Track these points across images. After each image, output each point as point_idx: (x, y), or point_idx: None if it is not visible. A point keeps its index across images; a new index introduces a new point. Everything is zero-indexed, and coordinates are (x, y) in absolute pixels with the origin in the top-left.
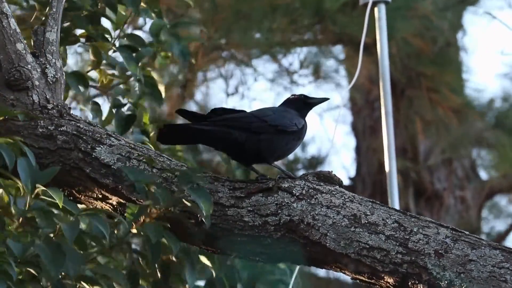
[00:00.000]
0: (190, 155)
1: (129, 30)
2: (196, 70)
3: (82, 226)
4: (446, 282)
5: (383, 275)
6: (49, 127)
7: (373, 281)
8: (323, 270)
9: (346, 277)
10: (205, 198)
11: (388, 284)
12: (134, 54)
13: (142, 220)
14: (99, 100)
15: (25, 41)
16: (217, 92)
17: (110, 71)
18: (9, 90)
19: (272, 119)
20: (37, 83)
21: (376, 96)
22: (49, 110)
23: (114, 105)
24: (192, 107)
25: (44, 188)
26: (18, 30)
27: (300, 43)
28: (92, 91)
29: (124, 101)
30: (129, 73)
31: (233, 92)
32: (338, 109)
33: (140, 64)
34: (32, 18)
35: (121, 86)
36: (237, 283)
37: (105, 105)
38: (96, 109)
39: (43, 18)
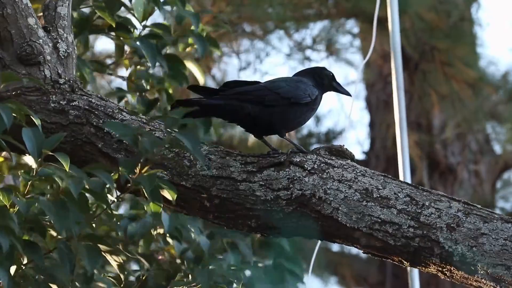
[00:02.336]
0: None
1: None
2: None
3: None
4: (458, 255)
5: (395, 249)
6: (61, 102)
7: (385, 255)
8: (336, 244)
9: (358, 251)
10: (190, 136)
11: (400, 258)
12: (157, 42)
13: (138, 171)
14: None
15: (36, 16)
16: (232, 67)
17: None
18: (21, 65)
19: (285, 91)
20: (48, 57)
21: (389, 71)
22: (61, 85)
23: (137, 89)
24: (208, 82)
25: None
26: (29, 4)
27: (313, 18)
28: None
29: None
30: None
31: (245, 67)
32: (353, 84)
33: (164, 50)
34: None
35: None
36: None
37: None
38: (120, 95)
39: None
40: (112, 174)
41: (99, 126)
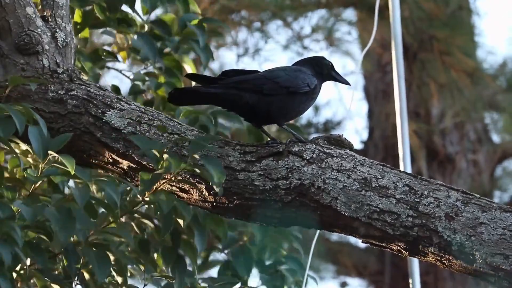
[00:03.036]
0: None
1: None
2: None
3: (94, 193)
4: (456, 245)
5: (393, 239)
6: (59, 92)
7: (384, 244)
8: (336, 234)
9: (357, 241)
10: (216, 166)
11: (399, 247)
12: (158, 43)
13: (154, 188)
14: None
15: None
16: (230, 56)
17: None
18: (19, 54)
19: (284, 80)
20: (47, 47)
21: (388, 60)
22: (59, 74)
23: (133, 91)
24: (206, 72)
25: (55, 155)
26: None
27: (311, 7)
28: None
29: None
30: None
31: (243, 54)
32: (352, 75)
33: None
34: None
35: (141, 71)
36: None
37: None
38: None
39: None
40: (127, 188)
41: (98, 116)
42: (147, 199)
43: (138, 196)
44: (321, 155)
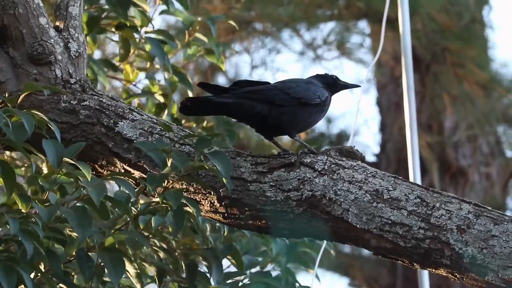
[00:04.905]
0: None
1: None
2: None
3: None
4: (468, 257)
5: (405, 251)
6: (71, 102)
7: (395, 256)
8: (347, 245)
9: (369, 253)
10: (224, 161)
11: (410, 260)
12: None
13: (163, 189)
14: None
15: (48, 16)
16: (244, 65)
17: (137, 65)
18: (32, 64)
19: (295, 92)
20: (60, 57)
21: (401, 73)
22: (72, 84)
23: (144, 93)
24: (220, 80)
25: (70, 161)
26: (41, 4)
27: (324, 18)
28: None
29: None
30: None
31: (258, 65)
32: (363, 84)
33: (168, 56)
34: None
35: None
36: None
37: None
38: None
39: None
40: (137, 188)
41: (110, 126)
42: (157, 199)
43: (149, 197)
44: (333, 167)
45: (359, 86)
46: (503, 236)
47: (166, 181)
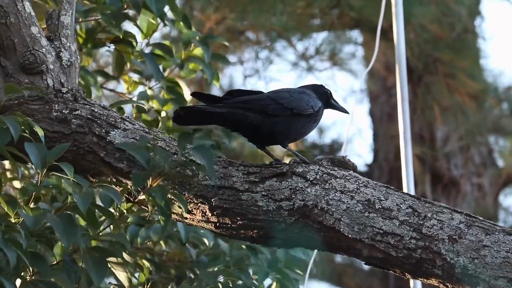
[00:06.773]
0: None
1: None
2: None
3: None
4: (460, 267)
5: (396, 261)
6: (63, 111)
7: (387, 266)
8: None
9: (360, 263)
10: (205, 154)
11: (402, 270)
12: (161, 65)
13: (148, 186)
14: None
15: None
16: (237, 75)
17: (134, 76)
18: (24, 73)
19: (288, 102)
20: (51, 66)
21: (393, 83)
22: (64, 94)
23: (138, 110)
24: (214, 90)
25: (55, 163)
26: (33, 13)
27: (316, 28)
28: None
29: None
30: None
31: (250, 74)
32: (355, 94)
33: (166, 71)
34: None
35: (146, 91)
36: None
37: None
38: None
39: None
40: (121, 189)
41: (102, 135)
42: (142, 197)
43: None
44: (325, 176)
45: (348, 113)
46: (494, 246)
47: (151, 179)
